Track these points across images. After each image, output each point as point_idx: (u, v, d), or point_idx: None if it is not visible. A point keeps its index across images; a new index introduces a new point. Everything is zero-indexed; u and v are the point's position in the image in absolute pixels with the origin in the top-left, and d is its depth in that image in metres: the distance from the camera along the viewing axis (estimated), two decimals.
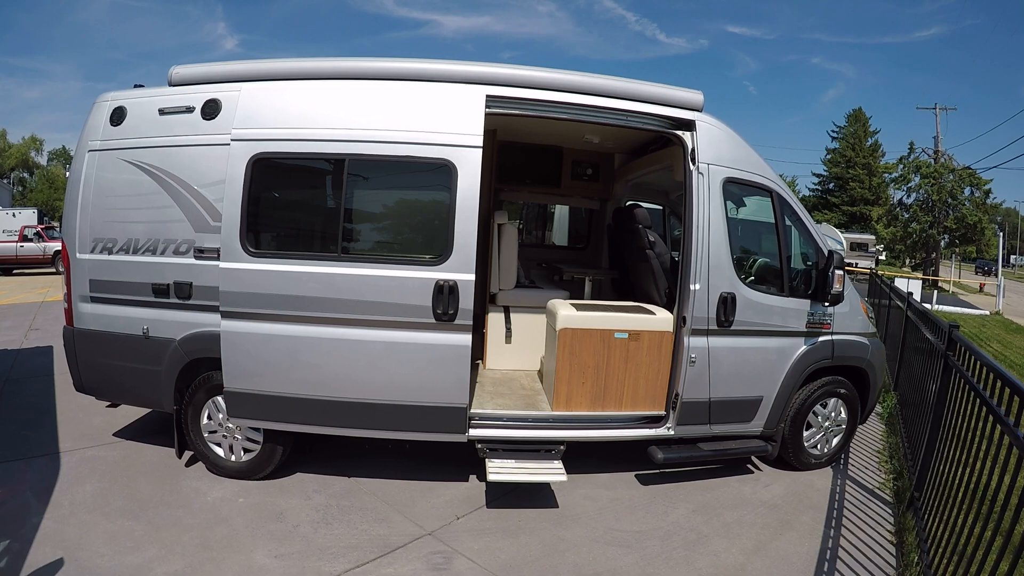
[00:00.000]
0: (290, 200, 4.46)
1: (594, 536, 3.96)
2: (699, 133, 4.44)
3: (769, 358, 4.75)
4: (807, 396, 4.93)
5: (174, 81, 4.36)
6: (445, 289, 4.00)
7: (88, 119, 4.48)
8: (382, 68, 4.15)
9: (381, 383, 4.10)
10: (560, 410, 4.60)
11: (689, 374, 4.46)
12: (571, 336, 4.58)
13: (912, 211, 34.22)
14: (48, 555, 3.43)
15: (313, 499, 4.26)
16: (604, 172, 7.21)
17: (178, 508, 4.04)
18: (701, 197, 4.41)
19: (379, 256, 4.12)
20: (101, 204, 4.38)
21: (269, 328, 4.04)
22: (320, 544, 3.71)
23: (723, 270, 4.47)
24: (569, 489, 4.50)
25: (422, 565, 3.55)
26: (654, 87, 4.44)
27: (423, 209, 4.38)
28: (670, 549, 3.85)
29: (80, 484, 4.33)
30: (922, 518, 3.88)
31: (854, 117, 54.10)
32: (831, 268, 4.67)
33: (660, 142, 5.60)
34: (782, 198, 4.80)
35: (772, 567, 3.70)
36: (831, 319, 4.90)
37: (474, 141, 4.05)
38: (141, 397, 4.70)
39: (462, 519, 4.09)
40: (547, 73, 4.28)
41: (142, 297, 4.32)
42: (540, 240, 8.85)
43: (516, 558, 3.67)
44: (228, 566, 3.45)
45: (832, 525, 4.23)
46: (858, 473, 5.18)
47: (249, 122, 4.08)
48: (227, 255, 4.04)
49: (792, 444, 4.97)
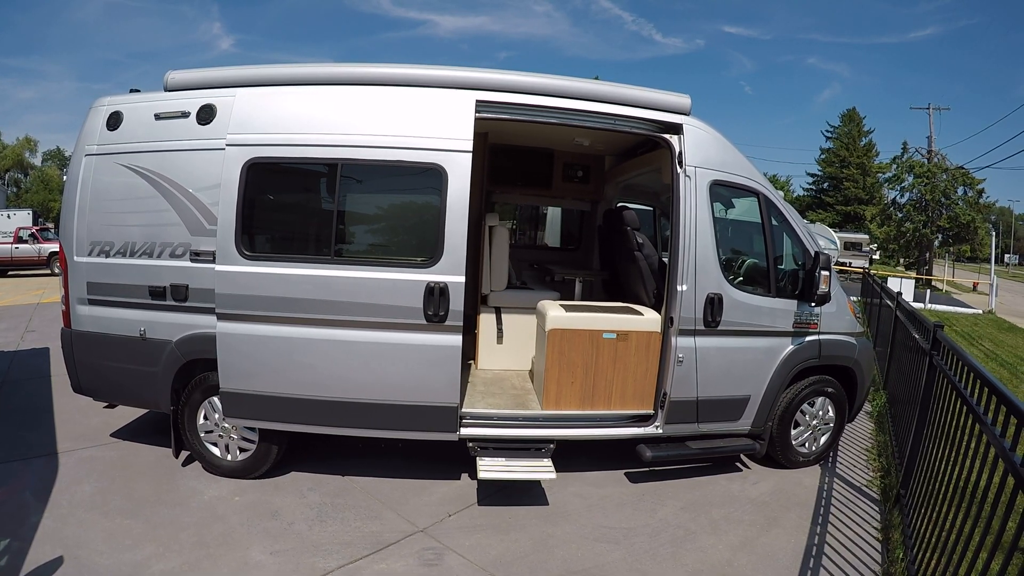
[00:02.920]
0: (284, 204, 4.52)
1: (583, 533, 4.03)
2: (686, 136, 4.51)
3: (756, 358, 4.82)
4: (795, 395, 5.01)
5: (170, 86, 4.42)
6: (436, 291, 4.06)
7: (85, 123, 4.53)
8: (374, 74, 4.22)
9: (374, 383, 4.17)
10: (550, 409, 4.67)
11: (677, 373, 4.53)
12: (560, 336, 4.66)
13: (906, 210, 34.32)
14: (48, 553, 3.49)
15: (308, 497, 4.32)
16: (595, 174, 7.29)
17: (175, 507, 4.10)
18: (688, 199, 4.49)
19: (371, 259, 4.19)
20: (98, 208, 4.44)
21: (264, 329, 4.11)
22: (314, 541, 3.77)
23: (710, 271, 4.55)
24: (559, 487, 4.57)
25: (414, 561, 3.62)
26: (641, 91, 4.50)
27: (414, 212, 4.44)
28: (658, 545, 3.92)
29: (78, 484, 4.38)
30: (908, 515, 3.95)
31: (848, 117, 54.23)
32: (818, 269, 4.74)
33: (649, 145, 5.67)
34: (769, 200, 4.87)
35: (758, 563, 3.77)
36: (818, 319, 4.98)
37: (464, 146, 4.12)
38: (138, 398, 4.77)
39: (454, 516, 4.16)
40: (536, 78, 4.34)
41: (139, 299, 4.38)
42: (532, 241, 8.92)
43: (506, 554, 3.74)
44: (224, 563, 3.51)
45: (819, 522, 4.30)
46: (846, 471, 5.25)
47: (244, 127, 4.14)
48: (222, 258, 4.10)
49: (780, 442, 5.05)
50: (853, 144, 52.81)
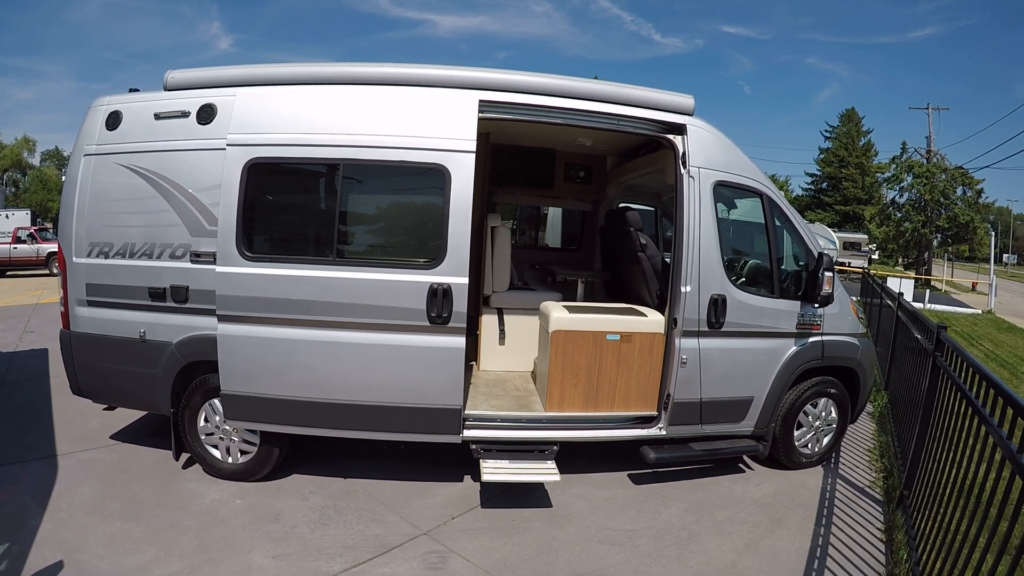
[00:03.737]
0: (286, 204, 4.49)
1: (587, 535, 4.01)
2: (690, 137, 4.49)
3: (760, 359, 4.81)
4: (797, 396, 5.00)
5: (169, 86, 4.39)
6: (439, 292, 4.04)
7: (84, 123, 4.50)
8: (376, 73, 4.19)
9: (376, 385, 4.14)
10: (553, 411, 4.65)
11: (680, 375, 4.52)
12: (564, 338, 4.63)
13: (905, 210, 34.42)
14: (48, 558, 3.46)
15: (310, 500, 4.30)
16: (597, 175, 7.27)
17: (176, 510, 4.07)
18: (692, 200, 4.47)
19: (374, 260, 4.16)
20: (97, 208, 4.40)
21: (265, 331, 4.08)
22: (317, 544, 3.75)
23: (713, 272, 4.53)
24: (563, 489, 4.55)
25: (418, 564, 3.60)
26: (645, 91, 4.48)
27: (417, 213, 4.42)
28: (662, 547, 3.90)
29: (78, 487, 4.35)
30: (911, 516, 3.94)
31: (847, 117, 54.31)
32: (821, 270, 4.73)
33: (652, 145, 5.66)
34: (772, 201, 4.86)
35: (763, 565, 3.76)
36: (821, 320, 4.97)
37: (467, 146, 4.09)
38: (138, 400, 4.74)
39: (457, 519, 4.14)
40: (540, 78, 4.32)
41: (139, 301, 4.35)
42: (533, 242, 8.90)
43: (511, 557, 3.72)
44: (226, 567, 3.49)
45: (822, 523, 4.29)
46: (849, 472, 5.24)
47: (245, 127, 4.11)
48: (223, 259, 4.07)
49: (783, 443, 5.04)
50: (852, 144, 52.88)
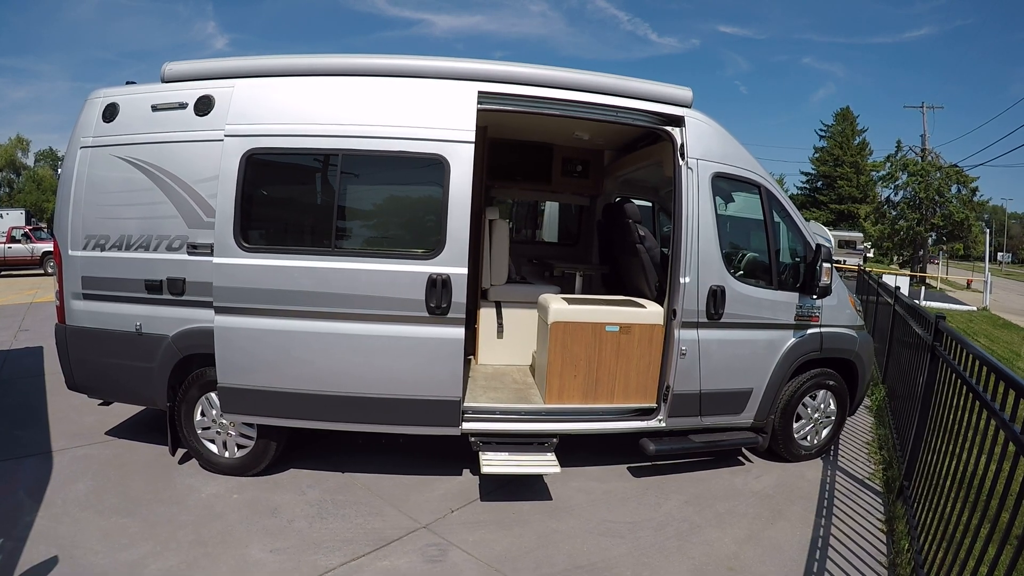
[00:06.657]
0: (283, 195, 4.46)
1: (588, 527, 4.00)
2: (688, 129, 4.49)
3: (759, 350, 4.80)
4: (796, 388, 5.00)
5: (167, 77, 4.35)
6: (438, 283, 4.02)
7: (80, 115, 4.46)
8: (375, 64, 4.17)
9: (375, 377, 4.11)
10: (552, 403, 4.64)
11: (680, 366, 4.50)
12: (563, 329, 4.62)
13: (900, 209, 34.51)
14: (43, 553, 3.42)
15: (307, 494, 4.27)
16: (594, 168, 7.25)
17: (172, 505, 4.04)
18: (690, 192, 4.46)
19: (372, 250, 4.14)
20: (93, 200, 4.36)
21: (263, 323, 4.05)
22: (315, 538, 3.72)
23: (712, 263, 4.52)
24: (562, 481, 4.53)
25: (417, 557, 3.58)
26: (644, 83, 4.48)
27: (416, 204, 4.40)
28: (663, 539, 3.89)
29: (73, 483, 4.31)
30: (911, 506, 3.95)
31: (842, 116, 54.38)
32: (819, 262, 4.74)
33: (649, 138, 5.65)
34: (770, 193, 4.86)
35: (764, 555, 3.75)
36: (820, 312, 4.97)
37: (466, 136, 4.07)
38: (134, 394, 4.69)
39: (456, 512, 4.12)
40: (539, 69, 4.31)
41: (135, 293, 4.31)
42: (531, 237, 8.87)
43: (511, 549, 3.70)
44: (224, 561, 3.45)
45: (823, 514, 4.29)
46: (848, 464, 5.24)
47: (242, 118, 4.08)
48: (220, 251, 4.03)
49: (782, 435, 5.03)
50: (847, 143, 52.97)
